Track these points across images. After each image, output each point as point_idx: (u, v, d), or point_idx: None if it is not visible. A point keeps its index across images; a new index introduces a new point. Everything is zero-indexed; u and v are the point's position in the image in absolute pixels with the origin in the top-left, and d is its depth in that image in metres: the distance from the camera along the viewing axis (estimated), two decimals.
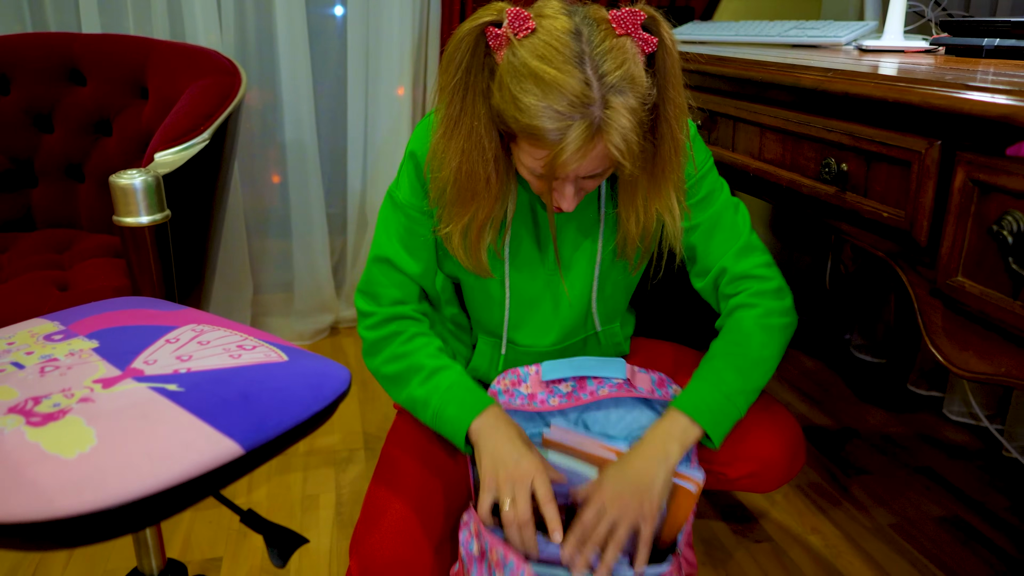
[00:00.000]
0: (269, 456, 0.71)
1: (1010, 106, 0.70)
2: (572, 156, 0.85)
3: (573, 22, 0.86)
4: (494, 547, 0.95)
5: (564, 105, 0.83)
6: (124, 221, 1.37)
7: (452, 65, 0.90)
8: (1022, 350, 0.75)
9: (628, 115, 0.84)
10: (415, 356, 1.06)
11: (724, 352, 1.04)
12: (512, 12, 0.87)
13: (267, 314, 2.30)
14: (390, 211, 1.09)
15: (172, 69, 1.77)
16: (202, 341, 0.82)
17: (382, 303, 1.09)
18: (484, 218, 0.98)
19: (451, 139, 0.93)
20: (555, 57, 0.83)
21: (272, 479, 1.62)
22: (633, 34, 0.87)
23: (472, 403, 1.01)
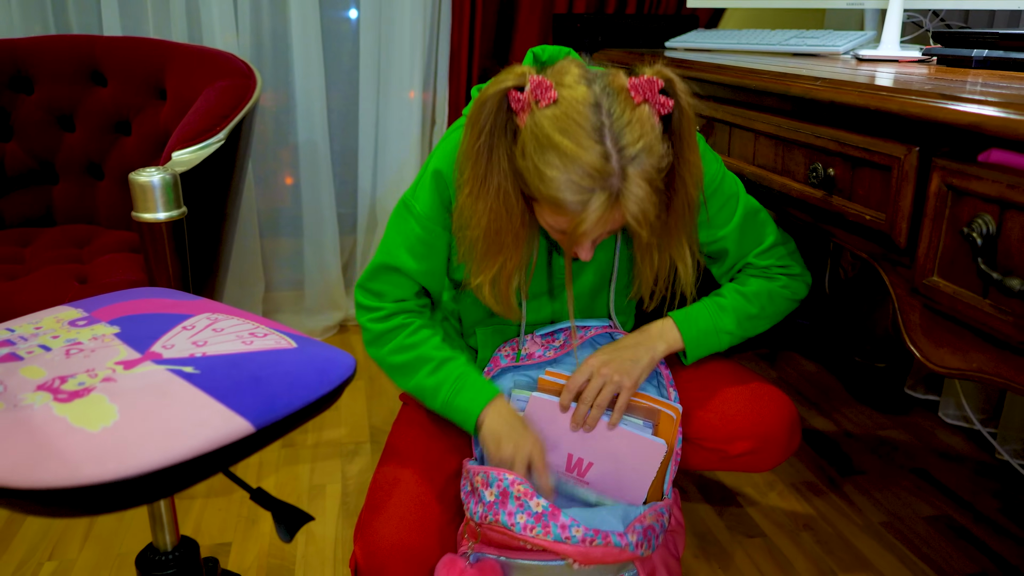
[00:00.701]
0: (278, 435, 0.76)
1: (979, 115, 0.74)
2: (593, 226, 0.90)
3: (593, 93, 0.89)
4: (476, 473, 1.03)
5: (584, 178, 0.87)
6: (142, 217, 1.43)
7: (476, 128, 0.94)
8: (991, 347, 0.79)
9: (645, 184, 0.89)
10: (422, 348, 1.12)
11: (732, 296, 1.17)
12: (535, 81, 0.90)
13: (278, 310, 2.36)
14: (404, 219, 1.11)
15: (190, 71, 1.83)
16: (216, 328, 0.87)
17: (384, 300, 1.14)
18: (513, 268, 1.03)
19: (479, 199, 0.97)
20: (576, 131, 0.87)
21: (281, 469, 1.67)
22: (651, 100, 0.91)
23: (479, 394, 1.09)
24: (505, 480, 1.01)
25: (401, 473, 1.12)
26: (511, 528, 0.98)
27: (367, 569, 1.04)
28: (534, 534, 0.97)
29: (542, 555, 1.02)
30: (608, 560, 0.98)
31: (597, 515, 1.00)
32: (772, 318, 1.18)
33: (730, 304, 1.16)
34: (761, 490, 1.64)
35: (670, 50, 1.87)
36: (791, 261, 1.19)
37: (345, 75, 2.29)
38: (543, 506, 0.98)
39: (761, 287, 1.17)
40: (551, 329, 1.20)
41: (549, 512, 0.98)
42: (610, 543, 0.97)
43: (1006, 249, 0.75)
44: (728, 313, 1.15)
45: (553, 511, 0.98)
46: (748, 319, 1.16)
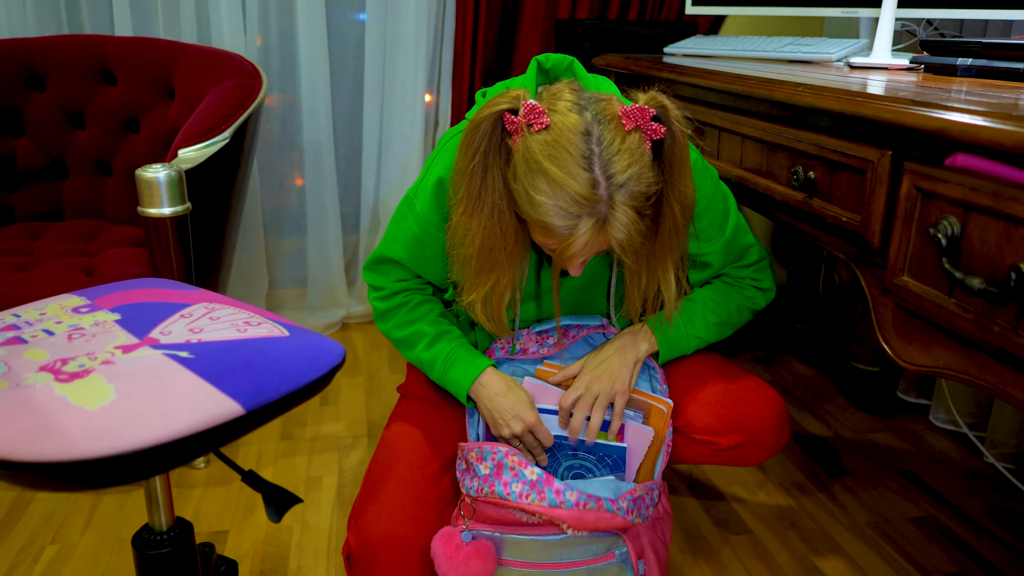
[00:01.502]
0: (268, 418, 0.79)
1: (943, 120, 0.77)
2: (580, 249, 0.93)
3: (584, 120, 0.91)
4: (471, 449, 1.07)
5: (572, 204, 0.90)
6: (148, 212, 1.47)
7: (471, 148, 0.96)
8: (956, 344, 0.82)
9: (631, 212, 0.91)
10: (419, 323, 1.20)
11: (703, 303, 1.22)
12: (528, 106, 0.92)
13: (281, 308, 2.40)
14: (405, 216, 1.15)
15: (197, 71, 1.88)
16: (213, 317, 0.90)
17: (388, 281, 1.21)
18: (505, 285, 1.07)
19: (472, 217, 0.99)
20: (565, 158, 0.89)
21: (279, 461, 1.71)
22: (642, 127, 0.93)
23: (469, 366, 1.15)
24: (499, 453, 1.05)
25: (396, 463, 1.15)
26: (507, 498, 1.02)
27: (360, 557, 1.07)
28: (529, 501, 1.00)
29: (536, 529, 1.05)
30: (601, 525, 1.02)
31: (590, 485, 1.05)
32: (736, 326, 1.25)
33: (700, 312, 1.22)
34: (750, 489, 1.66)
35: (668, 56, 1.90)
36: (763, 276, 1.25)
37: (350, 77, 2.34)
38: (538, 474, 1.02)
39: (730, 298, 1.23)
40: (547, 327, 1.24)
41: (543, 479, 1.02)
42: (602, 507, 1.01)
43: (969, 250, 0.78)
44: (698, 318, 1.21)
45: (547, 478, 1.02)
46: (715, 326, 1.22)
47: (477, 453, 1.07)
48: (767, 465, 1.76)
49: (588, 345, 1.24)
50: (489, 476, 1.04)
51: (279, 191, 2.36)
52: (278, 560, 1.40)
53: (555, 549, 1.05)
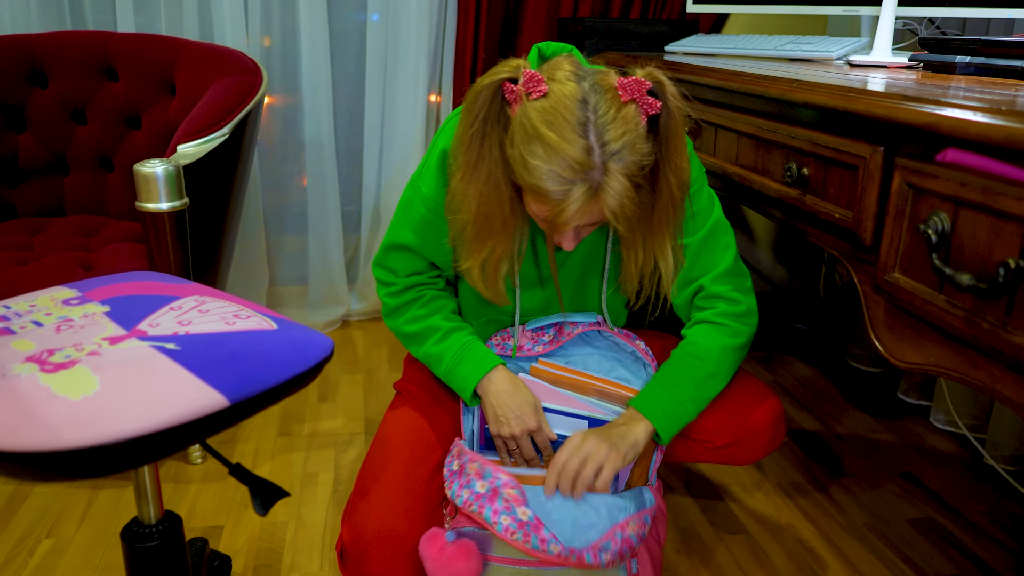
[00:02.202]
0: (253, 410, 0.79)
1: (933, 115, 0.77)
2: (573, 215, 0.93)
3: (582, 89, 0.92)
4: (473, 461, 1.07)
5: (566, 169, 0.90)
6: (145, 207, 1.48)
7: (470, 116, 0.97)
8: (946, 341, 0.82)
9: (624, 180, 0.92)
10: (432, 318, 1.20)
11: (685, 363, 1.15)
12: (527, 74, 0.94)
13: (281, 305, 2.40)
14: (411, 200, 1.16)
15: (198, 67, 1.88)
16: (202, 310, 0.90)
17: (399, 275, 1.21)
18: (501, 253, 1.07)
19: (470, 183, 1.01)
20: (562, 124, 0.90)
21: (276, 457, 1.71)
22: (638, 100, 0.94)
23: (479, 364, 1.15)
24: (499, 480, 1.04)
25: (390, 459, 1.15)
26: (493, 526, 1.01)
27: (353, 552, 1.07)
28: (514, 538, 1.00)
29: None
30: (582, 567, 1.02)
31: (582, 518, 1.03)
32: (728, 372, 1.17)
33: (684, 372, 1.14)
34: (747, 489, 1.66)
35: (669, 54, 1.89)
36: (742, 297, 1.17)
37: (352, 75, 2.34)
38: (529, 516, 1.01)
39: (711, 343, 1.15)
40: (541, 323, 1.24)
41: (533, 523, 1.01)
42: (583, 560, 1.00)
43: (959, 245, 0.77)
44: (685, 381, 1.13)
45: (537, 523, 1.00)
46: (706, 380, 1.14)
47: (478, 468, 1.06)
48: (765, 465, 1.75)
49: (584, 343, 1.23)
50: (482, 496, 1.04)
51: (281, 188, 2.36)
52: (272, 556, 1.40)
53: None
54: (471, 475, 1.06)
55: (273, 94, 2.28)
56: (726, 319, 1.16)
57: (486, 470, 1.05)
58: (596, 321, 1.23)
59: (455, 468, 1.10)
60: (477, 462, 1.07)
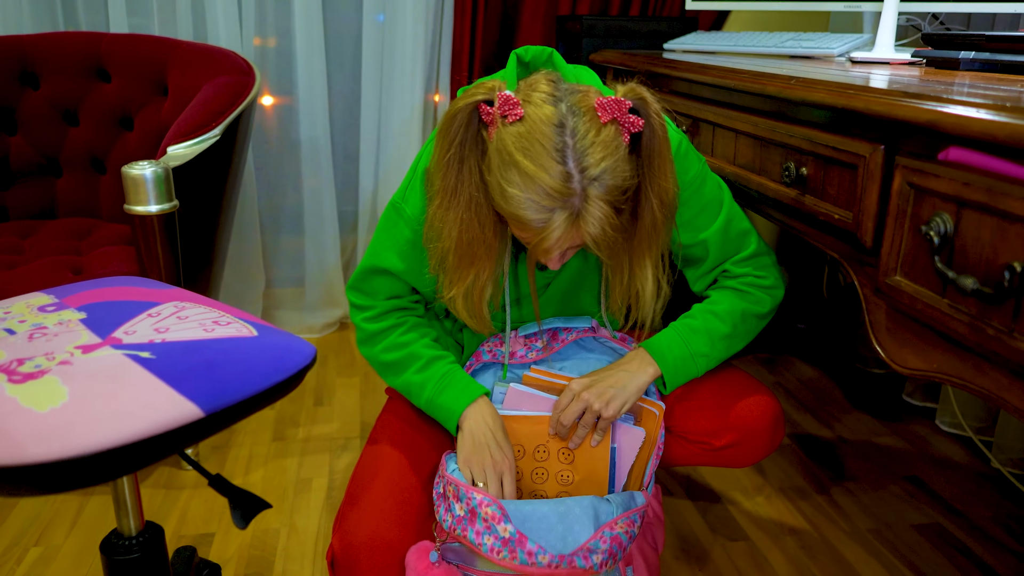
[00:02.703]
0: (230, 421, 0.76)
1: (934, 112, 0.74)
2: (554, 243, 0.91)
3: (559, 112, 0.88)
4: (450, 483, 1.04)
5: (545, 197, 0.87)
6: (134, 209, 1.46)
7: (447, 139, 0.94)
8: (950, 347, 0.78)
9: (606, 206, 0.89)
10: (413, 346, 1.14)
11: (703, 318, 1.14)
12: (502, 97, 0.90)
13: (278, 307, 2.38)
14: (393, 222, 1.12)
15: (190, 68, 1.86)
16: (181, 316, 0.88)
17: (377, 299, 1.16)
18: (486, 279, 1.04)
19: (449, 209, 0.97)
20: (538, 150, 0.86)
21: (269, 462, 1.69)
22: (619, 119, 0.90)
23: (463, 393, 1.10)
24: (474, 500, 1.01)
25: (382, 465, 1.13)
26: (478, 547, 0.99)
27: (343, 561, 1.05)
28: (500, 557, 0.98)
29: None
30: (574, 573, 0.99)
31: (566, 520, 1.00)
32: (745, 336, 1.16)
33: (702, 326, 1.13)
34: (748, 493, 1.63)
35: (668, 52, 1.86)
36: (768, 272, 1.17)
37: (348, 75, 2.31)
38: (511, 532, 0.98)
39: (734, 305, 1.14)
40: (535, 330, 1.21)
41: (516, 539, 0.98)
42: (575, 566, 0.97)
43: (962, 247, 0.74)
44: (700, 335, 1.13)
45: (520, 537, 0.98)
46: (721, 339, 1.13)
47: (454, 491, 1.03)
48: (766, 468, 1.72)
49: (581, 348, 1.21)
50: (463, 519, 1.01)
51: (276, 189, 2.34)
52: (263, 564, 1.38)
53: None
54: (450, 498, 1.04)
55: (268, 94, 2.26)
56: (751, 288, 1.16)
57: (460, 491, 1.02)
58: (591, 327, 1.20)
59: (440, 491, 1.07)
60: (453, 484, 1.04)
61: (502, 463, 1.06)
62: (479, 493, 1.01)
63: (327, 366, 2.16)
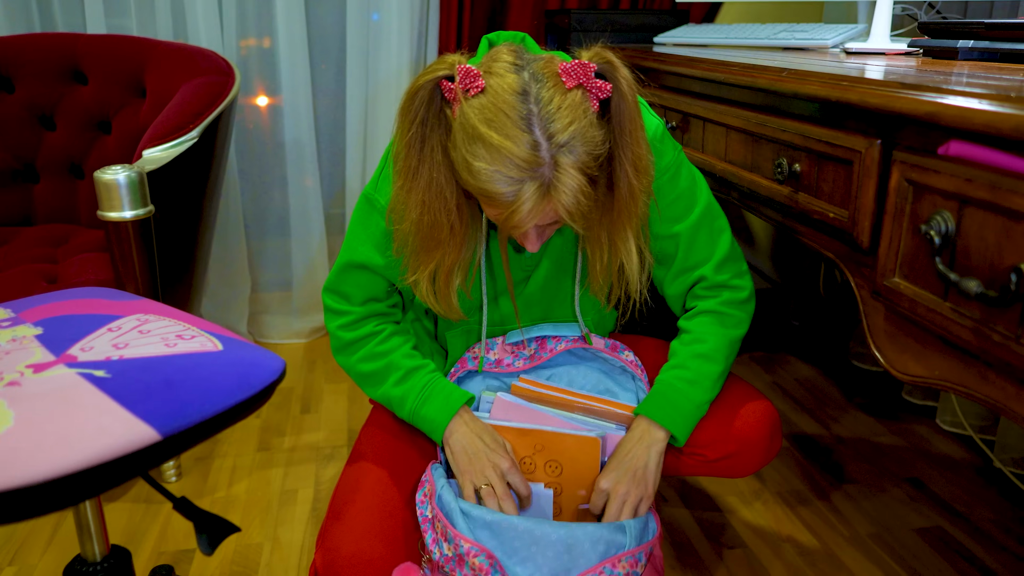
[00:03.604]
0: (191, 442, 0.72)
1: (934, 103, 0.69)
2: (526, 216, 0.86)
3: (521, 80, 0.85)
4: (438, 519, 0.99)
5: (513, 169, 0.83)
6: (107, 216, 1.41)
7: (408, 118, 0.90)
8: (954, 353, 0.74)
9: (578, 174, 0.84)
10: (392, 356, 1.10)
11: (695, 366, 1.08)
12: (462, 70, 0.86)
13: (265, 312, 2.33)
14: (367, 213, 1.08)
15: (169, 69, 1.81)
16: (143, 330, 0.83)
17: (354, 302, 1.11)
18: (451, 264, 0.99)
19: (411, 191, 0.93)
20: (503, 121, 0.83)
21: (254, 474, 1.64)
22: (585, 84, 0.86)
23: (445, 404, 1.06)
24: (461, 547, 0.97)
25: (366, 479, 1.09)
26: None
27: None
28: None
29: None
30: None
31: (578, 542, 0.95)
32: (731, 362, 1.12)
33: (695, 375, 1.08)
34: (746, 499, 1.58)
35: (659, 45, 1.82)
36: (743, 281, 1.12)
37: (333, 74, 2.27)
38: None
39: (719, 340, 1.09)
40: (521, 338, 1.16)
41: None
42: None
43: (964, 248, 0.70)
44: (697, 386, 1.08)
45: None
46: (716, 380, 1.09)
47: (442, 529, 0.98)
48: (764, 473, 1.68)
49: (571, 356, 1.16)
50: (451, 559, 0.96)
51: (261, 192, 2.29)
52: None
53: None
54: (438, 534, 0.99)
55: (252, 95, 2.21)
56: (731, 308, 1.10)
57: (448, 532, 0.97)
58: (580, 335, 1.15)
59: (427, 515, 1.02)
60: (441, 522, 0.99)
61: (501, 463, 1.02)
62: (466, 541, 0.96)
63: (315, 372, 2.11)
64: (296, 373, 2.10)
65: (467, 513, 0.99)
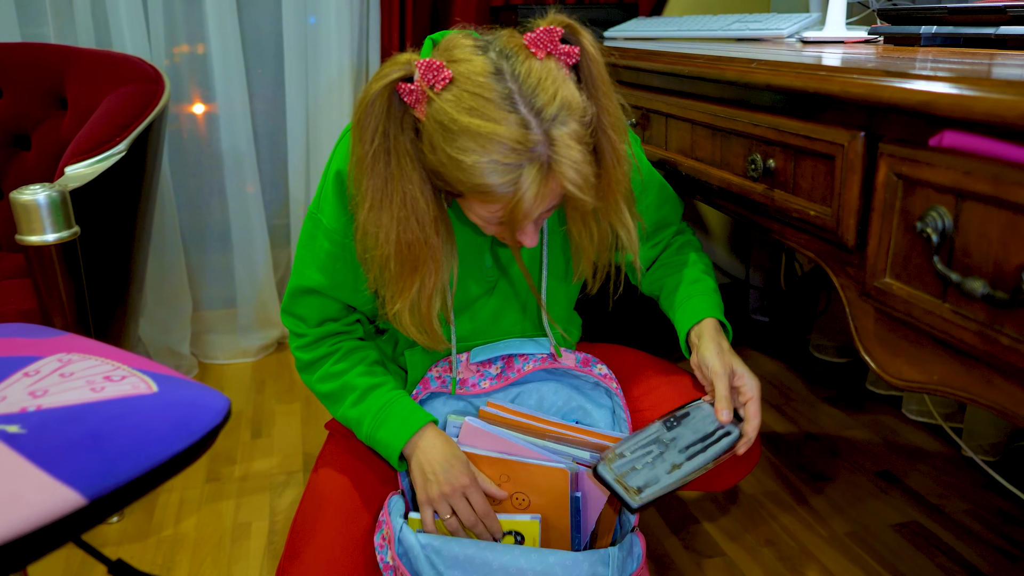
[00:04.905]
0: (124, 503, 0.63)
1: (928, 92, 0.64)
2: (532, 203, 0.79)
3: (490, 60, 0.79)
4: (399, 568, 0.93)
5: (509, 155, 0.76)
6: (27, 240, 1.29)
7: (367, 132, 0.82)
8: (954, 356, 0.70)
9: (576, 144, 0.79)
10: (348, 375, 1.04)
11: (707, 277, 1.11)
12: (423, 64, 0.79)
13: (209, 331, 2.22)
14: (313, 235, 1.01)
15: (92, 78, 1.69)
16: (64, 373, 0.74)
17: (309, 324, 1.05)
18: (433, 286, 0.92)
19: (383, 211, 0.85)
20: (484, 106, 0.76)
21: (203, 507, 1.54)
22: (554, 52, 0.80)
23: (402, 425, 0.99)
24: None
25: (323, 514, 1.01)
26: None
27: None
28: None
29: None
30: None
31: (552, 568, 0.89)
32: None
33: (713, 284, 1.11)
34: (721, 504, 1.54)
35: (610, 39, 1.77)
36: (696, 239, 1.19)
37: (270, 80, 2.16)
38: None
39: (707, 263, 1.14)
40: (487, 357, 1.08)
41: None
42: None
43: (964, 245, 0.65)
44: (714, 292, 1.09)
45: None
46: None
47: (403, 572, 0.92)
48: None
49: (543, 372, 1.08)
50: None
51: (199, 205, 2.17)
52: None
53: None
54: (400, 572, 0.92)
55: (186, 103, 2.09)
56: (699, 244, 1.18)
57: None
58: (549, 353, 1.07)
59: (389, 562, 0.94)
60: (401, 571, 0.92)
61: (461, 483, 0.95)
62: None
63: (264, 393, 2.01)
64: (245, 395, 1.99)
65: (436, 552, 0.91)
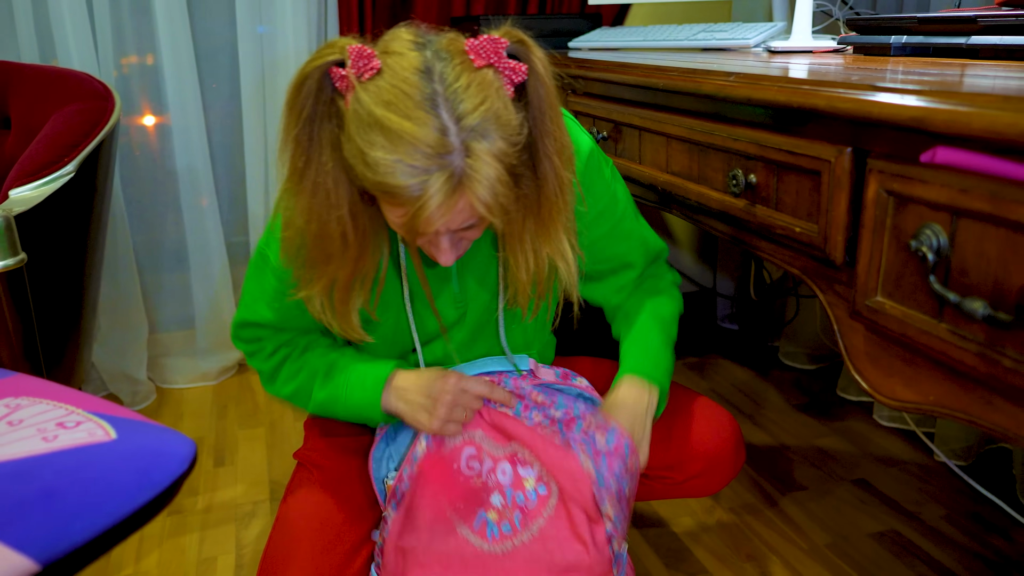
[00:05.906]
0: (81, 565, 0.58)
1: (922, 108, 0.63)
2: (435, 213, 0.74)
3: (423, 57, 0.74)
4: None
5: (418, 157, 0.71)
6: None
7: (294, 113, 0.78)
8: (950, 376, 0.68)
9: (494, 162, 0.74)
10: (308, 364, 1.02)
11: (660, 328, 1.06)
12: (354, 51, 0.74)
13: (167, 354, 2.14)
14: (260, 271, 0.98)
15: (36, 95, 1.61)
16: (12, 421, 0.68)
17: (265, 342, 1.03)
18: (347, 280, 0.87)
19: (297, 195, 0.82)
20: (403, 102, 0.72)
21: (165, 543, 1.47)
22: (497, 64, 0.76)
23: (368, 382, 0.97)
24: None
25: (295, 549, 0.96)
26: None
27: None
28: None
29: None
30: None
31: None
32: None
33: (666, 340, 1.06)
34: (699, 518, 1.52)
35: (574, 50, 1.75)
36: (671, 271, 1.14)
37: (225, 93, 2.09)
38: None
39: (672, 309, 1.09)
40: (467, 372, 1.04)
41: None
42: None
43: (961, 264, 0.63)
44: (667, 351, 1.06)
45: None
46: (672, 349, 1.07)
47: None
48: None
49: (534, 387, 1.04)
50: None
51: (153, 224, 2.09)
52: None
53: None
54: None
55: (136, 116, 2.01)
56: (673, 290, 1.12)
57: None
58: (529, 370, 1.04)
59: None
60: None
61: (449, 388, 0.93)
62: None
63: (226, 418, 1.94)
64: (206, 421, 1.92)
65: None
